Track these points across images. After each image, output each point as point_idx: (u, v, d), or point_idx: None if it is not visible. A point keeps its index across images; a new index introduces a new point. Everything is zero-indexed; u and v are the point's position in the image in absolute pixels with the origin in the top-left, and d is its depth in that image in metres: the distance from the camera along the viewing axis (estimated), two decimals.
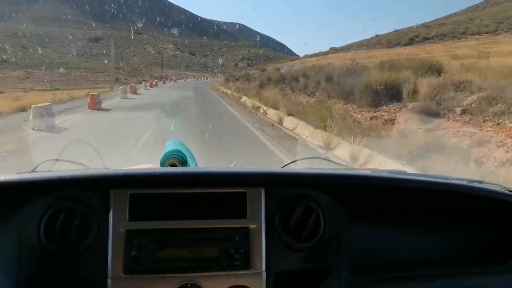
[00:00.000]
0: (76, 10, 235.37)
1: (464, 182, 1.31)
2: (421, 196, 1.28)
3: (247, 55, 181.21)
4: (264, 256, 1.13)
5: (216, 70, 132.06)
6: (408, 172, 1.52)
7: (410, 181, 1.29)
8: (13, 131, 11.17)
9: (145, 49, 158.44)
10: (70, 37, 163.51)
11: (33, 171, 1.32)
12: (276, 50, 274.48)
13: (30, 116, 11.79)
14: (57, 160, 1.49)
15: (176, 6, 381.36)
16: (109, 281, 1.07)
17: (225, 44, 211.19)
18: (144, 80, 58.34)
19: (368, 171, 1.44)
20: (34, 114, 11.72)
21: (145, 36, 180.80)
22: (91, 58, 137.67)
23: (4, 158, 7.61)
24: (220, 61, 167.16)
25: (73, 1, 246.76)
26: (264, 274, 1.12)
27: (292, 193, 1.21)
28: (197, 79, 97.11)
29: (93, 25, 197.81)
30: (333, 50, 74.78)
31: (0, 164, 7.18)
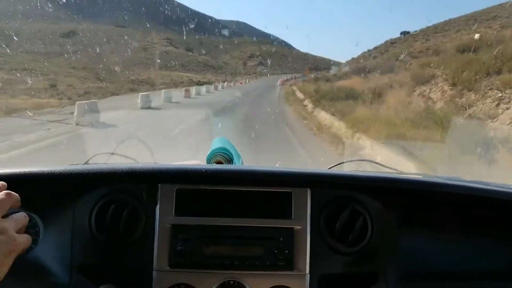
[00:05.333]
0: (48, 1, 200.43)
1: None
2: (477, 204, 1.22)
3: (257, 52, 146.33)
4: (308, 258, 1.13)
5: (220, 71, 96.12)
6: (464, 178, 1.42)
7: (465, 188, 1.22)
8: None
9: (128, 44, 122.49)
10: (41, 32, 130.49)
11: (85, 163, 1.40)
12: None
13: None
14: (108, 153, 1.54)
15: (173, 1, 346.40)
16: (154, 273, 1.10)
17: (229, 40, 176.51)
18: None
19: (420, 176, 1.39)
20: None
21: (131, 29, 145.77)
22: (57, 57, 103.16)
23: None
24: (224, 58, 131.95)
25: None
26: (307, 277, 1.12)
27: (338, 195, 1.19)
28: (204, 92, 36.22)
29: (68, 17, 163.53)
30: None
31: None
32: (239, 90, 38.80)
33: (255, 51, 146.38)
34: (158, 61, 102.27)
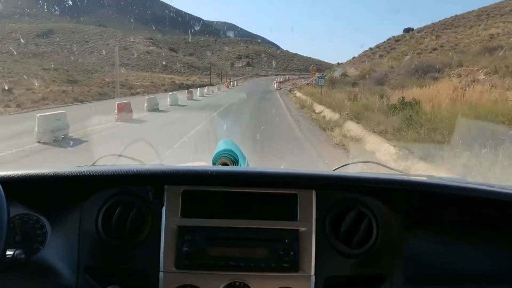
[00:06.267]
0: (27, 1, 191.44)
1: None
2: (481, 206, 1.21)
3: (245, 52, 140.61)
4: (314, 260, 1.13)
5: (205, 72, 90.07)
6: (469, 180, 1.41)
7: (470, 190, 1.22)
8: None
9: (107, 44, 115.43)
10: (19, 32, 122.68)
11: (92, 165, 1.39)
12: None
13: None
14: (115, 155, 1.53)
15: (159, 1, 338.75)
16: (161, 274, 1.11)
17: (216, 41, 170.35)
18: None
19: (425, 178, 1.38)
20: None
21: (112, 29, 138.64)
22: (31, 58, 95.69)
23: None
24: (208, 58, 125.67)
25: None
26: (313, 278, 1.12)
27: (344, 197, 1.19)
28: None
29: (46, 16, 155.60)
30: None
31: None
32: (224, 98, 28.35)
33: (243, 51, 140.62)
34: (136, 61, 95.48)
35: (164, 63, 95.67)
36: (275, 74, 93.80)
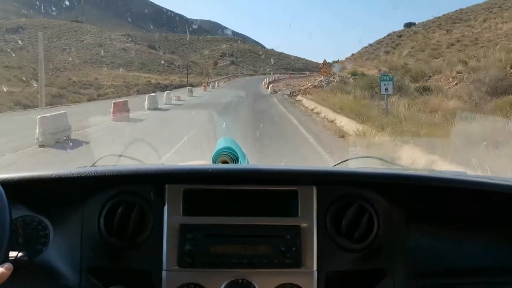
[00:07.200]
0: None
1: None
2: (483, 199, 1.21)
3: (229, 51, 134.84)
4: (316, 256, 1.14)
5: (185, 71, 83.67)
6: (468, 173, 1.43)
7: (470, 182, 1.22)
8: None
9: (82, 40, 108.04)
10: None
11: (93, 165, 1.40)
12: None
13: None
14: (115, 155, 1.54)
15: None
16: (164, 273, 1.11)
17: (198, 38, 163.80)
18: None
19: (425, 172, 1.37)
20: None
21: (88, 25, 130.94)
22: None
23: None
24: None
25: None
26: (315, 274, 1.13)
27: (344, 193, 1.19)
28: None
29: (18, 11, 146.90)
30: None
31: None
32: (194, 110, 18.23)
33: (227, 50, 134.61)
34: (111, 58, 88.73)
35: (141, 61, 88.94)
36: (262, 74, 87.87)
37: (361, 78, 22.64)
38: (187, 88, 36.80)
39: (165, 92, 26.55)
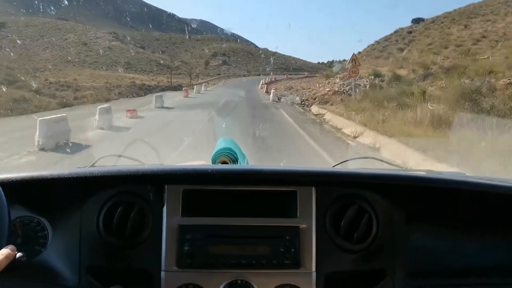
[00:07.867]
0: None
1: None
2: (482, 200, 1.21)
3: (221, 50, 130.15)
4: (315, 256, 1.14)
5: (175, 71, 78.88)
6: (467, 174, 1.44)
7: (469, 183, 1.23)
8: None
9: (66, 39, 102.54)
10: None
11: (92, 166, 1.40)
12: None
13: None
14: (114, 156, 1.54)
15: None
16: (162, 273, 1.12)
17: (189, 37, 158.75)
18: None
19: (424, 173, 1.39)
20: None
21: (72, 22, 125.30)
22: None
23: None
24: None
25: None
26: (314, 274, 1.13)
27: (343, 193, 1.19)
28: None
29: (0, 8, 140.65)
30: None
31: None
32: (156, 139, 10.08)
33: (218, 49, 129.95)
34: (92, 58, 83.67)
35: (128, 60, 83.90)
36: (257, 74, 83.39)
37: (396, 82, 16.53)
38: (155, 96, 23.37)
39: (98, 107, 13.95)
